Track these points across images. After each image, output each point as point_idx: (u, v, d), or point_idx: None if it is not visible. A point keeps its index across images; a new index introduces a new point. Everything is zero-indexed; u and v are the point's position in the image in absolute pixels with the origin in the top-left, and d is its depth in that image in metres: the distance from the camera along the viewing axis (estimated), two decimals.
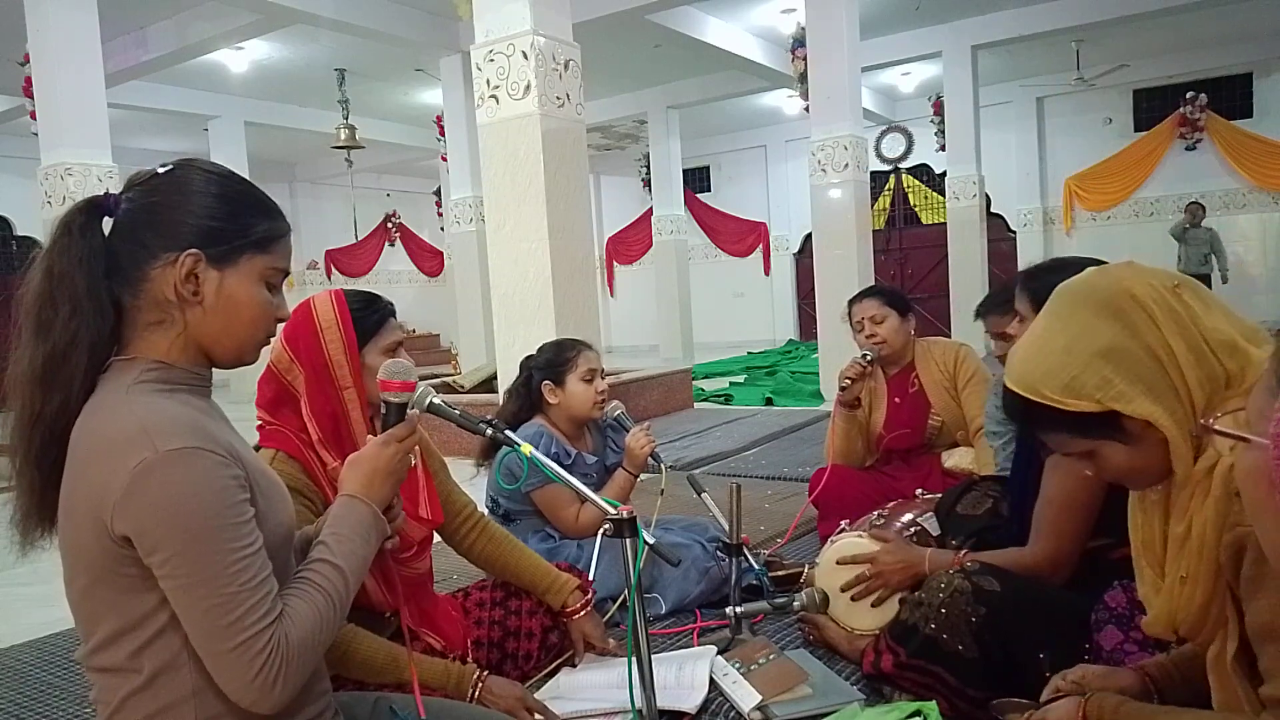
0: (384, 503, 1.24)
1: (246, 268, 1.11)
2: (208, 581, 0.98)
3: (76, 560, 1.04)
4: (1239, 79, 10.83)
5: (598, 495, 1.48)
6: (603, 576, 2.23)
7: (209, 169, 1.14)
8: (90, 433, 1.03)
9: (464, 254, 8.57)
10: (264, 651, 1.00)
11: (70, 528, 1.04)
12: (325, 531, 1.17)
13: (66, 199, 5.62)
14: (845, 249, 6.93)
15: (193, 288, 1.08)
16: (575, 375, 2.49)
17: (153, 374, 1.07)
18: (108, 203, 1.10)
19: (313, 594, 1.09)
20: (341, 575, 1.13)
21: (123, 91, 8.12)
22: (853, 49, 6.88)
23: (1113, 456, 1.08)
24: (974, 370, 2.87)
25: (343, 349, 1.63)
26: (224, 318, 1.11)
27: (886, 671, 1.73)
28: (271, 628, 1.01)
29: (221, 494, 1.00)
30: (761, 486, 4.03)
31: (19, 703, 2.19)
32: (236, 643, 0.99)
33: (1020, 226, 12.22)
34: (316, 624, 1.07)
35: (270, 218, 1.15)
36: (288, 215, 1.20)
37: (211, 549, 0.99)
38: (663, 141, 11.48)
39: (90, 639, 1.06)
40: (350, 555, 1.15)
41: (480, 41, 4.43)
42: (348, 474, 1.24)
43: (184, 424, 1.02)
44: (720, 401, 7.55)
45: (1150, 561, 1.16)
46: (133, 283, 1.08)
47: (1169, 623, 1.10)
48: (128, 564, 1.00)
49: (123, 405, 1.03)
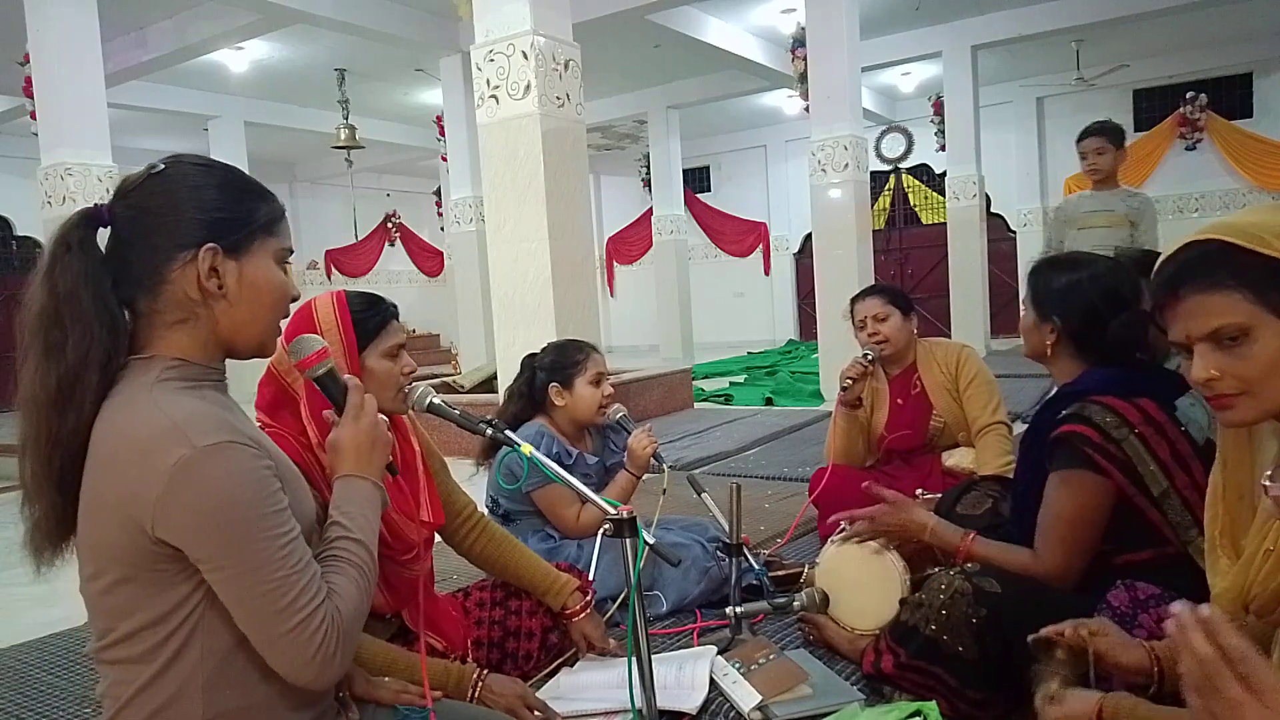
0: (379, 473, 1.26)
1: (260, 251, 1.13)
2: (258, 569, 1.01)
3: (102, 557, 1.04)
4: (1239, 79, 10.83)
5: (599, 496, 1.48)
6: (603, 576, 2.23)
7: (201, 163, 1.15)
8: (117, 434, 1.03)
9: (464, 254, 8.57)
10: (321, 628, 1.03)
11: (95, 527, 1.04)
12: (335, 512, 1.19)
13: (66, 199, 5.62)
14: (845, 249, 6.93)
15: (217, 282, 1.09)
16: (583, 379, 2.49)
17: (173, 371, 1.08)
18: (101, 213, 1.10)
19: (348, 569, 1.12)
20: (365, 548, 1.16)
21: (123, 91, 8.11)
22: (853, 49, 6.88)
23: (1273, 342, 1.02)
24: (976, 372, 2.87)
25: (343, 352, 1.62)
26: (249, 306, 1.12)
27: (887, 672, 1.73)
28: (324, 605, 1.04)
29: (260, 484, 1.03)
30: (761, 486, 4.03)
31: (19, 703, 2.19)
32: (294, 623, 1.02)
33: (1020, 226, 12.21)
34: (359, 596, 1.11)
35: (267, 200, 1.17)
36: (288, 215, 1.20)
37: (258, 538, 1.01)
38: (663, 141, 11.48)
39: (109, 634, 1.06)
40: (366, 529, 1.18)
41: (480, 41, 4.43)
42: (334, 458, 1.25)
43: (214, 419, 1.03)
44: (720, 401, 7.54)
45: (1226, 549, 1.14)
46: (149, 288, 1.08)
47: (1240, 597, 1.08)
48: (163, 560, 1.01)
49: (149, 404, 1.04)
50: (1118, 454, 1.63)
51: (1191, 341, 1.07)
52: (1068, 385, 1.79)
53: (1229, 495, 1.15)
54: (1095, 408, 1.67)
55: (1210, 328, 1.05)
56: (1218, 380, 1.05)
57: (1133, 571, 1.64)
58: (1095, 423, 1.65)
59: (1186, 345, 1.08)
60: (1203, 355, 1.06)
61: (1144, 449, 1.64)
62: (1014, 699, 1.58)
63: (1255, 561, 1.06)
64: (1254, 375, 1.03)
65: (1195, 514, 1.61)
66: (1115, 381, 1.72)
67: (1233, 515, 1.14)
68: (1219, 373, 1.04)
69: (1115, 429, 1.64)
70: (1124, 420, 1.65)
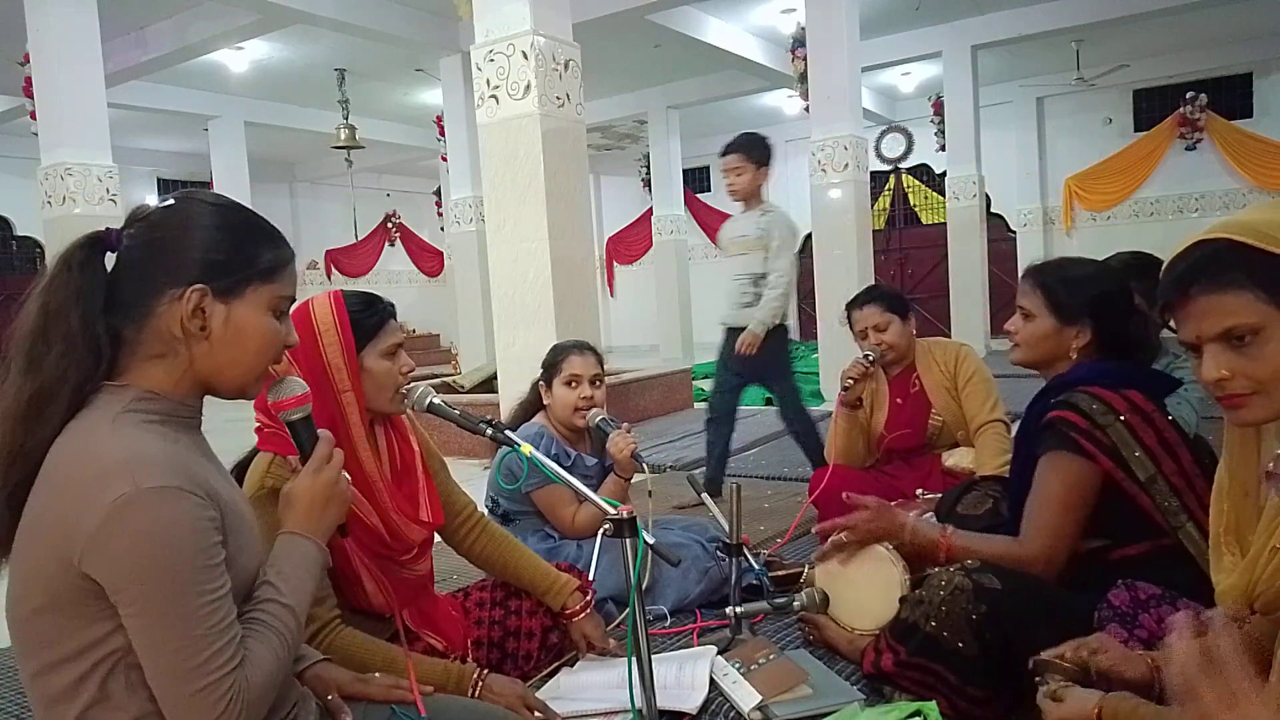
0: (328, 532, 1.22)
1: (253, 298, 1.12)
2: (177, 623, 0.98)
3: (32, 582, 1.02)
4: (1239, 79, 10.82)
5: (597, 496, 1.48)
6: (603, 576, 2.23)
7: (211, 201, 1.14)
8: (70, 458, 1.02)
9: (464, 254, 8.56)
10: (226, 696, 1.00)
11: (30, 550, 1.02)
12: (270, 571, 1.15)
13: (66, 199, 5.63)
14: (845, 249, 6.93)
15: (199, 322, 1.08)
16: (559, 379, 2.48)
17: (142, 404, 1.07)
18: (110, 238, 1.10)
19: (269, 636, 1.08)
20: (293, 615, 1.12)
21: (123, 91, 8.11)
22: (853, 49, 6.88)
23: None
24: (974, 370, 2.87)
25: (340, 352, 1.62)
26: (231, 350, 1.11)
27: (887, 670, 1.73)
28: (235, 673, 1.01)
29: (197, 536, 1.00)
30: (761, 486, 4.03)
31: (19, 703, 2.19)
32: (200, 686, 0.99)
33: (1020, 226, 12.21)
34: (275, 666, 1.07)
35: (274, 245, 1.15)
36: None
37: (183, 590, 0.98)
38: (663, 141, 11.48)
39: (31, 661, 1.04)
40: (298, 592, 1.14)
41: (480, 41, 4.43)
42: (285, 511, 1.21)
43: (167, 461, 1.01)
44: None
45: (1231, 546, 1.14)
46: (136, 317, 1.08)
47: (1246, 594, 1.08)
48: (85, 596, 0.99)
49: (108, 434, 1.02)
50: (1104, 440, 1.67)
51: (1202, 341, 1.06)
52: (1058, 377, 1.82)
53: (1234, 492, 1.15)
54: (1083, 396, 1.71)
55: (1222, 328, 1.04)
56: (1229, 380, 1.04)
57: (1131, 568, 1.64)
58: (1082, 409, 1.69)
59: (1196, 345, 1.08)
60: (1213, 355, 1.05)
61: (1130, 435, 1.67)
62: (1014, 697, 1.59)
63: (1261, 559, 1.05)
64: (1266, 375, 1.02)
65: (1183, 500, 1.64)
66: (1105, 373, 1.76)
67: (1238, 512, 1.14)
68: (1230, 373, 1.03)
69: (1101, 415, 1.68)
70: (1110, 408, 1.68)
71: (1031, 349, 1.88)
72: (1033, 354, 1.88)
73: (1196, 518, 1.62)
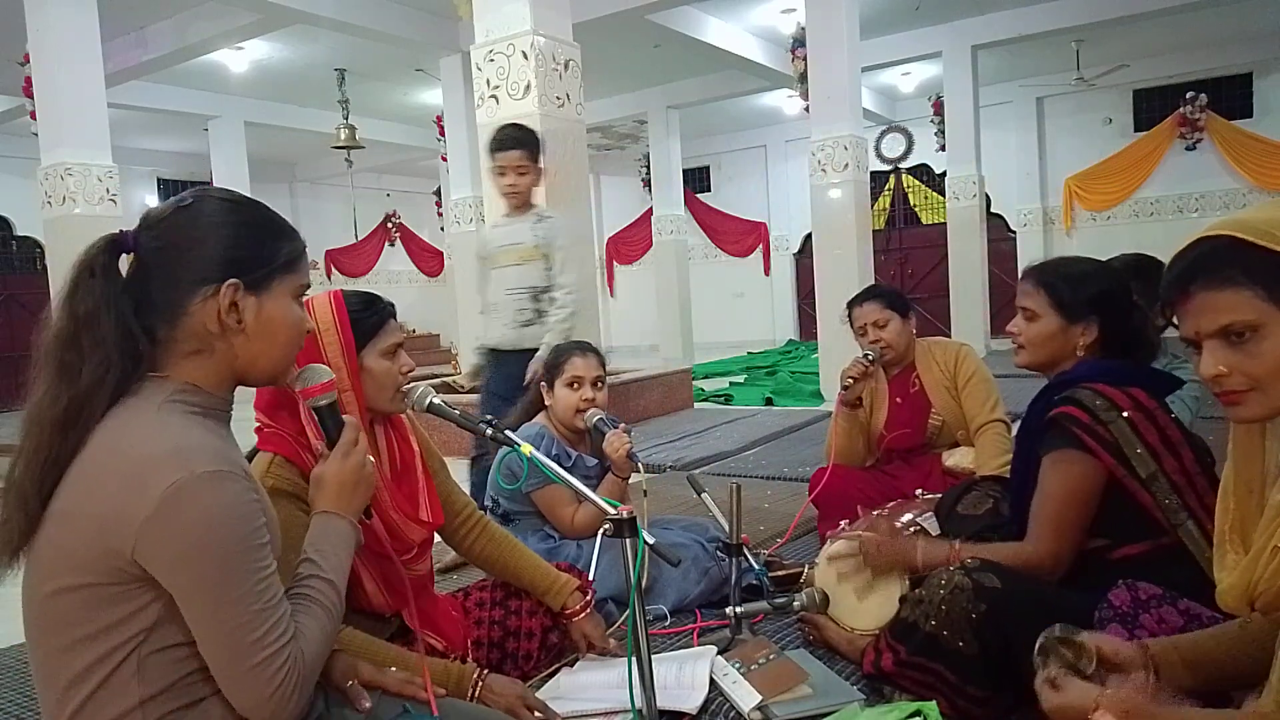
0: (357, 513, 1.28)
1: (279, 289, 1.16)
2: (235, 601, 1.01)
3: (62, 562, 1.03)
4: (1239, 79, 10.82)
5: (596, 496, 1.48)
6: (603, 576, 2.23)
7: (227, 198, 1.17)
8: (112, 448, 1.03)
9: (464, 254, 8.55)
10: (283, 668, 1.04)
11: (64, 532, 1.03)
12: (309, 548, 1.19)
13: (66, 199, 5.63)
14: (845, 249, 6.93)
15: (236, 317, 1.12)
16: (561, 381, 2.48)
17: (184, 395, 1.10)
18: (126, 240, 1.12)
19: (316, 609, 1.13)
20: (334, 589, 1.17)
21: (123, 91, 8.11)
22: (853, 49, 6.88)
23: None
24: (974, 370, 2.87)
25: (340, 351, 1.62)
26: (263, 341, 1.15)
27: (887, 670, 1.73)
28: (290, 645, 1.05)
29: (249, 517, 1.04)
30: (761, 486, 4.03)
31: (19, 703, 2.19)
32: (258, 659, 1.02)
33: (1020, 226, 12.21)
34: (323, 638, 1.12)
35: (290, 239, 1.20)
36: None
37: (239, 569, 1.01)
38: (663, 141, 11.48)
39: (50, 639, 1.05)
40: (338, 569, 1.19)
41: (480, 41, 4.43)
42: (316, 493, 1.26)
43: (214, 448, 1.05)
44: (720, 401, 7.55)
45: (1235, 545, 1.14)
46: (169, 318, 1.11)
47: (1246, 594, 1.09)
48: (125, 577, 1.01)
49: (155, 424, 1.05)
50: (1106, 436, 1.67)
51: (1201, 338, 1.07)
52: (1060, 375, 1.82)
53: (1238, 490, 1.16)
54: (1086, 392, 1.71)
55: (1220, 324, 1.05)
56: (1226, 377, 1.05)
57: (1131, 567, 1.64)
58: (1085, 405, 1.69)
59: (1195, 341, 1.09)
60: (1212, 351, 1.06)
61: (1132, 432, 1.67)
62: (1014, 697, 1.59)
63: (1262, 558, 1.06)
64: (1263, 372, 1.03)
65: (1184, 498, 1.65)
66: (1109, 371, 1.76)
67: (1242, 510, 1.15)
68: (1228, 369, 1.04)
69: (1104, 412, 1.68)
70: (1113, 404, 1.68)
71: (1037, 349, 1.87)
72: (1039, 354, 1.87)
73: (1197, 516, 1.63)
